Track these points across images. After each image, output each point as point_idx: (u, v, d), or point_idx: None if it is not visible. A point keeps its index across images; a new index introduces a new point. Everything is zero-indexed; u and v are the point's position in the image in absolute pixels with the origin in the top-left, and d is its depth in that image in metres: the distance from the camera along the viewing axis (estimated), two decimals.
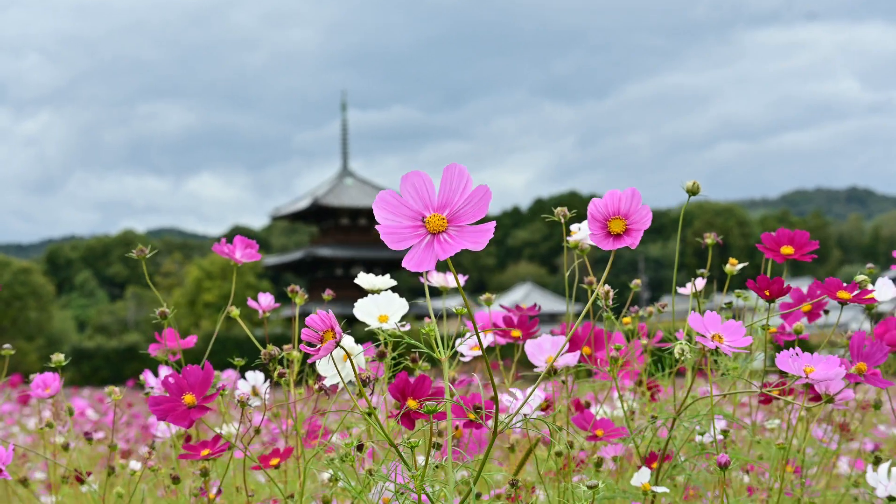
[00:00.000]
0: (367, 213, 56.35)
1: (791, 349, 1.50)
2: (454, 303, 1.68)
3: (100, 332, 56.66)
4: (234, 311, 2.06)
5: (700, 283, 2.01)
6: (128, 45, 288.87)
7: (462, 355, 1.97)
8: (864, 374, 1.65)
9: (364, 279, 1.81)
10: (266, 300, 2.10)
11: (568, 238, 1.86)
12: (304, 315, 2.15)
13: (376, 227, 1.21)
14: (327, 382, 1.63)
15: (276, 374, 1.85)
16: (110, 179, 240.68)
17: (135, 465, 2.19)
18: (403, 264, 1.20)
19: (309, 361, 1.43)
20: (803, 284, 1.76)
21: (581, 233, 1.86)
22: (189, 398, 1.58)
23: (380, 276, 1.82)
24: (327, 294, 2.12)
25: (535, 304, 2.06)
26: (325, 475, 1.95)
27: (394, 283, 1.80)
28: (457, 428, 1.77)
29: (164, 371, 2.15)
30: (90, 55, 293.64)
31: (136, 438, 4.89)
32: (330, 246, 55.17)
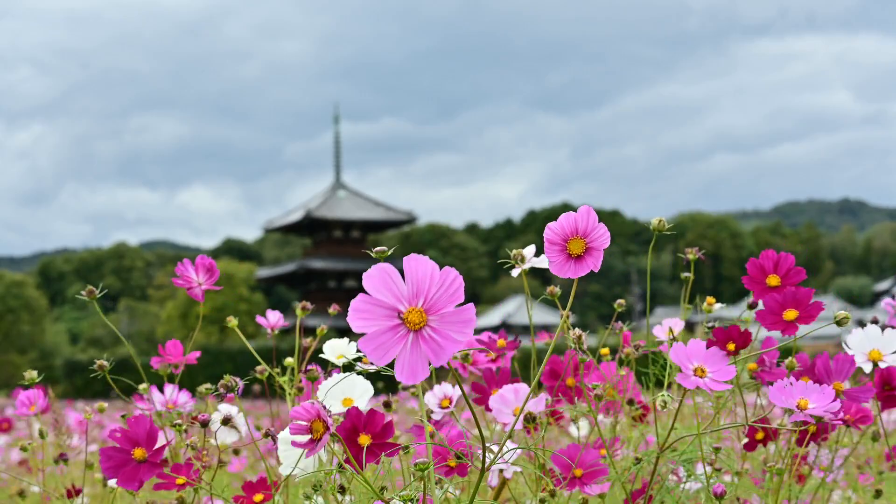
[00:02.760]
0: (360, 226, 56.39)
1: (784, 379, 1.48)
2: None
3: (92, 344, 56.55)
4: (233, 322, 2.04)
5: (678, 325, 1.99)
6: (120, 57, 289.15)
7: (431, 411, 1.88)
8: (842, 393, 1.63)
9: (329, 350, 1.79)
10: (274, 317, 2.08)
11: (514, 273, 1.83)
12: (297, 327, 2.15)
13: (357, 343, 1.16)
14: (283, 470, 1.58)
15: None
16: (102, 192, 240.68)
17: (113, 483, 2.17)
18: (398, 377, 1.15)
19: (305, 457, 1.40)
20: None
21: (529, 262, 1.79)
22: (139, 452, 1.54)
23: (343, 343, 1.78)
24: (333, 308, 2.11)
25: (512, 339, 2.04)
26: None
27: (358, 354, 1.77)
28: (449, 474, 1.73)
29: (169, 389, 2.10)
30: (82, 67, 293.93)
31: None
32: (323, 258, 55.14)
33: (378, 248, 1.47)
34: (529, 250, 1.81)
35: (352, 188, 58.56)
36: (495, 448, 1.49)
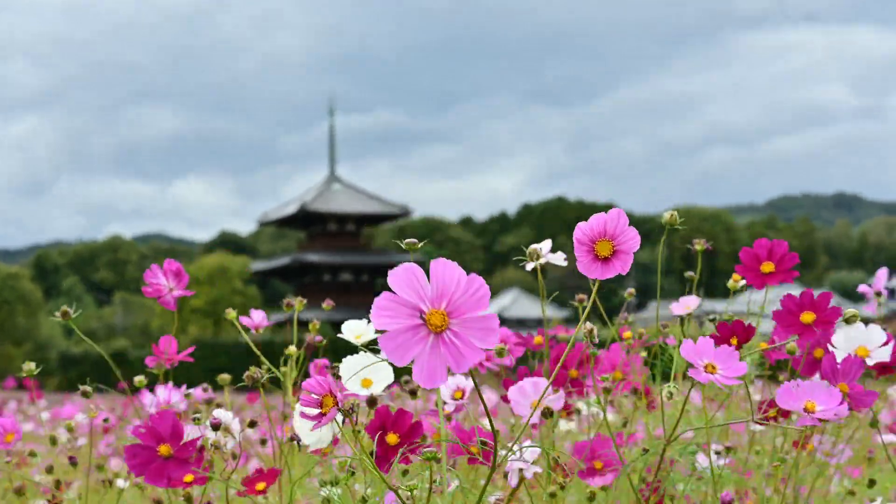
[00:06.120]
0: (355, 219, 56.31)
1: (791, 381, 1.47)
2: None
3: (87, 337, 56.36)
4: (232, 314, 2.03)
5: (693, 302, 1.99)
6: (115, 48, 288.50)
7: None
8: (848, 395, 1.63)
9: (348, 330, 1.79)
10: (259, 317, 2.07)
11: (528, 267, 1.84)
12: (292, 320, 2.15)
13: (378, 339, 1.15)
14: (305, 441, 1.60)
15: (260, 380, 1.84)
16: (96, 183, 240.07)
17: (122, 483, 2.16)
18: (415, 380, 1.14)
19: (311, 430, 1.40)
20: (792, 292, 1.71)
21: (545, 252, 1.83)
22: (165, 449, 1.54)
23: (363, 324, 1.79)
24: (327, 304, 2.11)
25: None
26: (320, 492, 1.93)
27: (376, 336, 1.78)
28: (472, 463, 1.74)
29: (161, 390, 2.09)
30: (78, 59, 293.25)
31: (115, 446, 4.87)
32: (317, 251, 55.04)
33: (408, 240, 1.48)
34: (546, 245, 1.83)
35: (347, 181, 58.45)
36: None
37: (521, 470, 1.81)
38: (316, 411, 1.37)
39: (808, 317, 1.62)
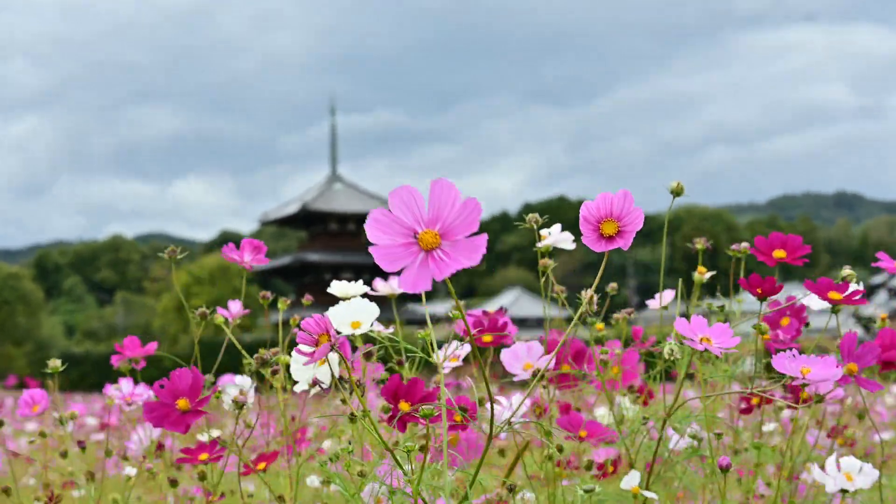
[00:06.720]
0: (356, 219, 56.35)
1: (788, 351, 1.52)
2: (439, 308, 1.68)
3: (88, 337, 56.51)
4: (220, 318, 2.07)
5: (668, 295, 2.03)
6: (114, 48, 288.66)
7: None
8: (854, 375, 1.66)
9: (336, 287, 1.81)
10: (236, 307, 2.12)
11: (538, 245, 1.87)
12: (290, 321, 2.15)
13: (370, 249, 1.19)
14: (298, 388, 1.62)
15: (270, 375, 1.87)
16: (96, 184, 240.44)
17: (130, 470, 2.18)
18: (399, 286, 1.17)
19: (304, 364, 1.43)
20: (794, 290, 1.77)
21: (551, 238, 1.87)
22: (183, 403, 1.58)
23: (352, 283, 1.81)
24: (306, 299, 2.13)
25: (501, 308, 2.08)
26: (316, 479, 1.94)
27: (366, 289, 1.80)
28: (453, 430, 1.76)
29: (125, 383, 2.16)
30: (78, 59, 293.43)
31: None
32: (318, 251, 55.09)
33: None
34: (555, 228, 1.86)
35: (348, 181, 58.50)
36: (504, 402, 1.50)
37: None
38: (311, 349, 1.41)
39: (834, 295, 1.76)
